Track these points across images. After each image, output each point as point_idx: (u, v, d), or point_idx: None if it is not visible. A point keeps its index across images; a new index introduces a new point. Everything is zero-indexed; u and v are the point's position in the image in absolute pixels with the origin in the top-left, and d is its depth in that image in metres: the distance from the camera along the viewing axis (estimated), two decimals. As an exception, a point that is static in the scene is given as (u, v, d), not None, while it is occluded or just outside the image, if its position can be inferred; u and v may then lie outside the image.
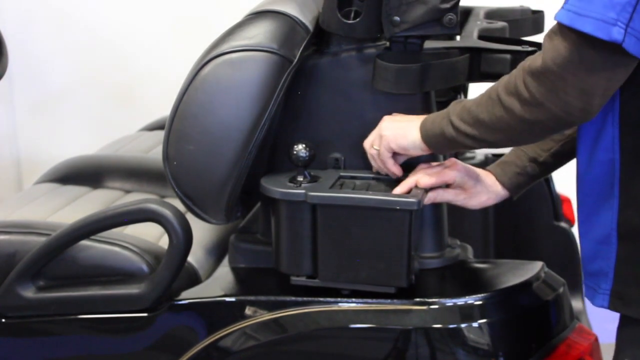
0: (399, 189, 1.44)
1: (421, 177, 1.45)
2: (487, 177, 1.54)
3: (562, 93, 1.20)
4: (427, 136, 1.42)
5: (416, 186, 1.45)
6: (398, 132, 1.45)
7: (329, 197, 1.43)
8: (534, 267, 1.56)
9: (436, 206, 1.56)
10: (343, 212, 1.43)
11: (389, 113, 1.50)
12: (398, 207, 1.40)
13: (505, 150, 1.59)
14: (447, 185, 1.50)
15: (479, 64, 1.51)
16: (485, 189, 1.52)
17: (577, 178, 1.37)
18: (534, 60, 1.24)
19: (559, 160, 1.54)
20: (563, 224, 2.14)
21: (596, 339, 1.56)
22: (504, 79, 1.30)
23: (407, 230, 1.41)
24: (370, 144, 1.50)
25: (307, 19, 1.57)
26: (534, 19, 1.97)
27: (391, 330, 1.45)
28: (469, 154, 2.15)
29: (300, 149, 1.48)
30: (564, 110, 1.22)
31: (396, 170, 1.49)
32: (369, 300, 1.46)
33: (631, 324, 1.33)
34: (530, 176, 1.54)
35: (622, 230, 1.30)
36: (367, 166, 1.55)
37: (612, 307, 1.33)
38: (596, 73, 1.18)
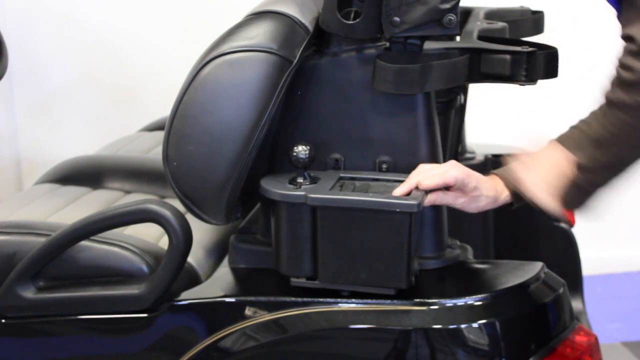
0: (399, 191, 1.44)
1: (422, 179, 1.45)
2: (488, 181, 1.52)
3: None
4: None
5: (416, 188, 1.45)
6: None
7: (329, 199, 1.43)
8: (534, 268, 1.56)
9: (436, 207, 1.55)
10: (343, 214, 1.43)
11: (389, 113, 1.50)
12: (398, 210, 1.40)
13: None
14: (447, 188, 1.50)
15: (479, 65, 1.51)
16: (485, 194, 1.51)
17: None
18: (625, 47, 1.27)
19: None
20: (563, 225, 2.13)
21: (596, 339, 1.56)
22: (600, 93, 1.34)
23: (407, 232, 1.41)
24: None
25: (307, 19, 1.57)
26: (534, 19, 1.97)
27: (391, 331, 1.45)
28: (468, 155, 2.15)
29: (300, 150, 1.48)
30: None
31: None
32: (369, 301, 1.46)
33: None
34: None
35: None
36: (367, 167, 1.55)
37: None
38: None
